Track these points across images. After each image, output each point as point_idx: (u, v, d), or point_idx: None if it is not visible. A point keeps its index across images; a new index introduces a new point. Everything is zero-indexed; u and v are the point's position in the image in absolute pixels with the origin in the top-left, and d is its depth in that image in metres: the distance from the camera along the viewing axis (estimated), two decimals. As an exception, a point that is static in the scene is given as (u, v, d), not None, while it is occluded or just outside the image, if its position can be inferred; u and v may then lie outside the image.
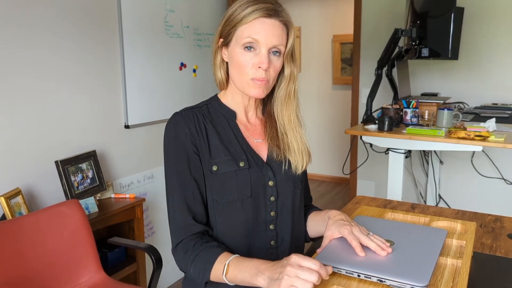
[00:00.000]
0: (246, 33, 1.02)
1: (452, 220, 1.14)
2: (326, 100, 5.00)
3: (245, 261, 0.92)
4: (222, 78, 1.12)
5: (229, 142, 1.09)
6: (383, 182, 3.52)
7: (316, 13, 4.87)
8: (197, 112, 1.10)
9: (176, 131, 1.06)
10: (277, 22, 1.03)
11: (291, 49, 1.08)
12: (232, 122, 1.12)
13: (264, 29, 1.01)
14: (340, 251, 0.94)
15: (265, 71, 1.03)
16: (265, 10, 1.01)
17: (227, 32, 1.05)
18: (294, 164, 1.12)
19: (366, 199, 1.60)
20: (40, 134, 2.05)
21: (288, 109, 1.12)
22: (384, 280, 0.83)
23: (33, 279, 1.68)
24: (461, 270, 0.89)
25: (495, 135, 2.08)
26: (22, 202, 1.88)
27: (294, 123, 1.13)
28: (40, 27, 2.01)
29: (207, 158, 1.05)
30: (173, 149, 1.06)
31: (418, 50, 2.48)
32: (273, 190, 1.09)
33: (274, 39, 1.02)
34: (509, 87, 3.11)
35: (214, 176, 1.05)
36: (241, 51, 1.03)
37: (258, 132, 1.14)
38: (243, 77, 1.04)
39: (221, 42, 1.09)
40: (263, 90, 1.05)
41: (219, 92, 1.18)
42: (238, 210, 1.05)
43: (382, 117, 2.36)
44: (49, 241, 1.76)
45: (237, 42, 1.04)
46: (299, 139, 1.13)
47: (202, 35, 3.01)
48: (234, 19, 1.03)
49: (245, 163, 1.06)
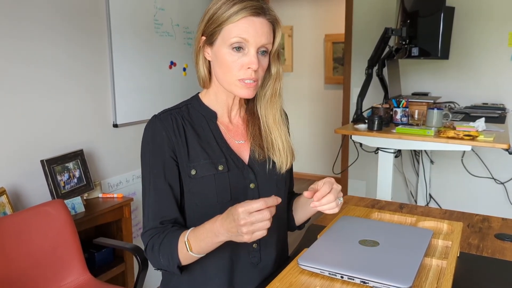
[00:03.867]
0: (234, 33, 0.98)
1: (439, 220, 1.13)
2: (318, 100, 4.99)
3: (199, 230, 0.94)
4: (205, 76, 1.09)
5: (208, 144, 1.06)
6: (374, 181, 3.51)
7: (308, 13, 4.87)
8: (176, 114, 1.07)
9: (153, 135, 1.04)
10: (265, 21, 1.00)
11: (278, 48, 1.06)
12: (212, 123, 1.09)
13: (253, 28, 0.98)
14: (323, 252, 0.93)
15: (255, 72, 1.00)
16: (253, 8, 0.98)
17: (212, 31, 1.01)
18: (279, 163, 1.09)
19: (354, 199, 1.58)
20: (26, 133, 2.02)
21: (273, 108, 1.10)
22: (367, 281, 0.82)
23: (17, 279, 1.65)
24: (446, 271, 0.88)
25: (484, 135, 2.08)
26: (6, 202, 1.85)
27: (279, 121, 1.11)
28: (26, 22, 1.98)
29: (186, 162, 1.03)
30: (149, 153, 1.04)
31: (408, 50, 2.48)
32: (254, 193, 1.07)
33: (263, 38, 0.99)
34: (499, 87, 3.12)
35: (193, 180, 1.03)
36: (228, 51, 1.00)
37: (240, 133, 1.12)
38: (231, 78, 1.02)
39: (203, 40, 1.05)
40: (252, 91, 1.03)
41: (202, 91, 1.14)
42: (218, 214, 0.99)
43: (372, 116, 2.36)
44: (34, 242, 1.73)
45: (224, 41, 1.00)
46: (284, 137, 1.11)
47: (192, 34, 2.99)
48: (219, 17, 0.99)
49: (224, 167, 1.04)
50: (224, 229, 0.88)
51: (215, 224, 0.90)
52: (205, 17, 1.03)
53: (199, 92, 1.15)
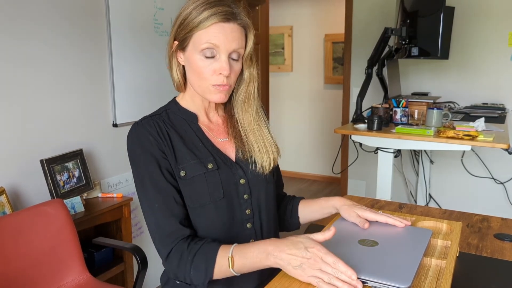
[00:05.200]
0: (204, 39, 0.98)
1: (438, 220, 1.13)
2: (318, 100, 4.99)
3: (248, 247, 0.92)
4: (179, 81, 1.09)
5: (194, 145, 1.06)
6: (374, 181, 3.51)
7: (308, 12, 4.87)
8: (157, 119, 1.07)
9: (140, 141, 1.03)
10: (235, 26, 1.00)
11: (251, 51, 1.07)
12: (194, 125, 1.10)
13: (223, 34, 0.98)
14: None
15: (226, 77, 1.01)
16: (223, 14, 0.98)
17: (183, 36, 1.01)
18: (259, 163, 1.10)
19: (353, 199, 1.58)
20: (25, 132, 2.01)
21: (247, 111, 1.11)
22: (366, 281, 0.82)
23: (16, 279, 1.65)
24: (445, 271, 0.88)
25: (483, 135, 2.08)
26: (6, 201, 1.84)
27: (255, 123, 1.12)
28: (26, 22, 1.98)
29: (174, 164, 1.03)
30: (141, 159, 1.02)
31: (408, 50, 2.48)
32: (245, 188, 1.08)
33: (233, 43, 1.00)
34: (499, 87, 3.12)
35: (183, 181, 1.02)
36: (199, 57, 1.00)
37: (222, 131, 1.13)
38: (203, 83, 1.02)
39: (176, 45, 1.05)
40: (224, 95, 1.04)
41: (177, 95, 1.15)
42: (212, 212, 1.03)
43: (372, 116, 2.36)
44: (33, 241, 1.73)
45: (195, 47, 1.00)
46: (262, 139, 1.12)
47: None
48: (190, 23, 0.99)
49: (213, 165, 1.04)
50: (284, 254, 0.86)
51: (269, 246, 0.89)
52: (177, 22, 1.03)
53: (175, 96, 1.15)
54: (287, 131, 5.23)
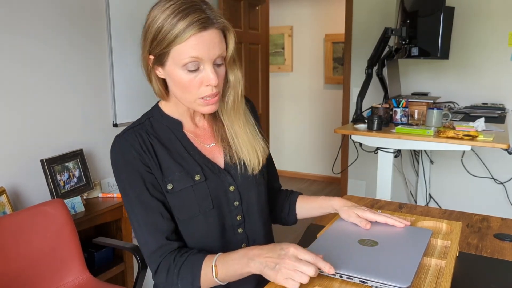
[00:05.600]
0: (185, 53, 0.91)
1: (438, 220, 1.13)
2: (318, 100, 4.99)
3: (231, 255, 0.91)
4: (161, 92, 1.03)
5: (180, 156, 1.02)
6: (374, 181, 3.51)
7: (308, 13, 4.87)
8: (140, 130, 1.02)
9: (123, 156, 0.99)
10: (214, 31, 0.93)
11: (233, 53, 1.00)
12: (179, 132, 1.05)
13: (203, 45, 0.91)
14: (322, 252, 0.92)
15: (215, 86, 0.96)
16: (199, 23, 0.90)
17: (159, 52, 0.94)
18: (250, 165, 1.06)
19: (353, 199, 1.58)
20: (26, 132, 2.02)
21: (236, 115, 1.06)
22: (366, 281, 0.82)
23: (16, 279, 1.65)
24: (445, 270, 0.88)
25: (483, 135, 2.08)
26: (6, 201, 1.85)
27: (244, 125, 1.08)
28: (26, 22, 1.98)
29: (160, 177, 0.99)
30: (124, 175, 0.98)
31: (408, 50, 2.48)
32: (235, 195, 1.05)
33: (215, 50, 0.93)
34: (499, 87, 3.12)
35: (170, 195, 0.99)
36: (183, 72, 0.94)
37: (209, 136, 1.08)
38: (190, 97, 0.97)
39: (152, 60, 0.97)
40: (215, 105, 0.99)
41: (161, 100, 1.08)
42: (202, 223, 1.01)
43: (372, 116, 2.36)
44: (33, 241, 1.73)
45: (175, 63, 0.93)
46: (249, 140, 1.07)
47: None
48: (165, 38, 0.91)
49: (201, 176, 1.00)
50: (262, 258, 0.85)
51: (251, 251, 0.88)
52: (148, 36, 0.95)
53: (159, 100, 1.09)
54: (287, 131, 5.23)
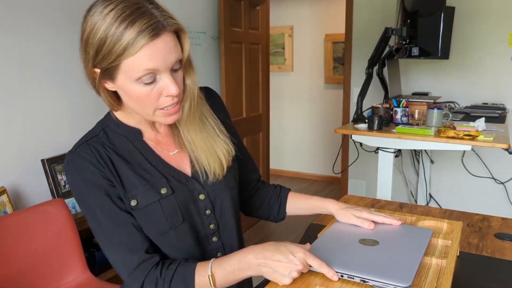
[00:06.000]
0: (138, 67, 0.80)
1: (439, 220, 1.13)
2: (318, 99, 5.00)
3: (227, 261, 0.88)
4: (112, 104, 0.92)
5: (142, 168, 0.92)
6: (374, 181, 3.51)
7: (308, 12, 4.87)
8: (95, 143, 0.92)
9: (81, 174, 0.89)
10: (167, 36, 0.82)
11: (189, 54, 0.90)
12: (139, 142, 0.95)
13: (158, 54, 0.81)
14: (323, 251, 0.93)
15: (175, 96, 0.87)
16: (150, 29, 0.79)
17: (107, 66, 0.82)
18: (211, 172, 0.97)
19: (354, 198, 1.58)
20: (26, 132, 2.02)
21: (192, 121, 0.97)
22: (367, 280, 0.82)
23: (16, 279, 1.66)
24: (446, 270, 0.88)
25: (484, 135, 2.08)
26: (7, 201, 1.85)
27: (200, 130, 0.98)
28: (26, 22, 1.98)
29: (123, 193, 0.89)
30: (87, 194, 0.89)
31: (409, 49, 2.48)
32: (206, 203, 0.98)
33: (172, 56, 0.83)
34: (499, 87, 3.12)
35: (136, 212, 0.90)
36: (137, 86, 0.83)
37: (172, 142, 0.99)
38: (149, 109, 0.87)
39: (98, 74, 0.85)
40: (177, 115, 0.90)
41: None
42: (173, 238, 0.94)
43: (372, 116, 2.36)
44: (34, 241, 1.74)
45: (128, 76, 0.82)
46: (207, 146, 0.98)
47: (192, 33, 2.99)
48: (112, 51, 0.79)
49: (167, 189, 0.92)
50: (270, 261, 0.83)
51: (250, 254, 0.85)
52: (89, 49, 0.83)
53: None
54: (287, 131, 5.23)
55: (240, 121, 3.36)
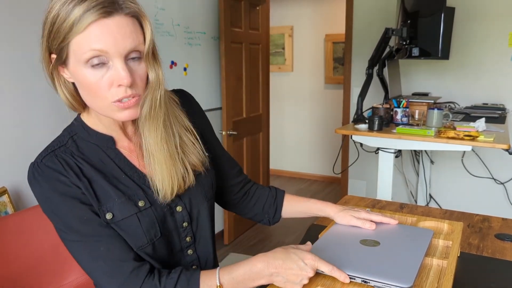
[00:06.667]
0: (85, 46, 0.75)
1: (439, 220, 1.14)
2: (318, 100, 5.00)
3: (236, 270, 0.84)
4: (70, 102, 0.86)
5: (117, 179, 0.86)
6: (375, 181, 3.52)
7: (309, 12, 4.87)
8: (62, 154, 0.85)
9: (52, 185, 0.81)
10: (123, 18, 0.77)
11: (151, 45, 0.82)
12: (112, 151, 0.89)
13: (108, 34, 0.75)
14: (324, 252, 0.93)
15: (130, 87, 0.79)
16: (100, 6, 0.74)
17: (58, 48, 0.78)
18: (161, 191, 0.88)
19: (354, 199, 1.59)
20: (27, 132, 2.02)
21: (154, 123, 0.87)
22: (368, 281, 0.82)
23: (17, 279, 1.66)
24: (447, 270, 0.89)
25: (484, 135, 2.08)
26: (8, 201, 1.85)
27: (162, 140, 0.88)
28: (27, 23, 1.98)
29: (96, 206, 0.83)
30: (61, 206, 0.81)
31: (409, 50, 2.49)
32: (183, 215, 0.93)
33: (126, 42, 0.77)
34: (499, 88, 3.13)
35: (112, 225, 0.84)
36: (87, 70, 0.77)
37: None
38: (102, 101, 0.80)
39: (54, 59, 0.81)
40: (134, 110, 0.82)
41: (83, 113, 0.91)
42: (150, 252, 0.88)
43: (372, 116, 2.36)
44: (35, 241, 1.74)
45: (77, 58, 0.77)
46: (165, 160, 0.88)
47: (193, 33, 2.99)
48: (61, 28, 0.75)
49: (145, 201, 0.87)
50: (282, 270, 0.82)
51: (260, 264, 0.83)
52: (45, 29, 0.80)
53: (80, 114, 0.92)
54: (287, 131, 5.24)
55: (240, 121, 3.36)
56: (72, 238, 0.82)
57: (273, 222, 1.19)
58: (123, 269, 0.82)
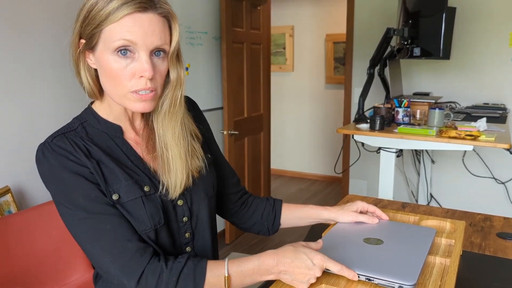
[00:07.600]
0: (117, 35, 0.80)
1: (442, 219, 1.14)
2: (319, 100, 5.01)
3: (245, 264, 0.85)
4: (91, 87, 0.90)
5: (124, 165, 0.89)
6: (375, 181, 3.53)
7: (309, 12, 4.88)
8: (72, 136, 0.88)
9: (61, 163, 0.84)
10: (155, 17, 0.82)
11: (177, 47, 0.88)
12: (119, 139, 0.92)
13: (139, 27, 0.80)
14: (328, 250, 0.94)
15: (150, 80, 0.83)
16: (137, 1, 0.80)
17: (90, 33, 0.83)
18: (172, 187, 0.91)
19: (356, 198, 1.59)
20: (31, 131, 2.02)
21: (172, 120, 0.92)
22: (372, 278, 0.83)
23: (21, 278, 1.66)
24: (449, 269, 0.89)
25: (485, 135, 2.09)
26: (11, 200, 1.86)
27: (179, 135, 0.93)
28: (28, 23, 1.99)
29: (104, 186, 0.85)
30: (69, 183, 0.83)
31: (410, 50, 2.49)
32: (184, 210, 0.95)
33: (155, 38, 0.82)
34: (500, 87, 3.13)
35: (117, 207, 0.86)
36: (113, 58, 0.82)
37: (151, 146, 0.95)
38: (121, 90, 0.84)
39: (82, 44, 0.86)
40: (150, 103, 0.86)
41: (96, 102, 0.95)
42: (152, 240, 0.89)
43: (374, 116, 2.37)
44: (38, 240, 1.74)
45: (106, 46, 0.82)
46: (180, 154, 0.92)
47: (194, 33, 3.00)
48: (97, 16, 0.81)
49: (151, 187, 0.89)
50: (291, 269, 0.83)
51: (270, 261, 0.84)
52: (80, 16, 0.84)
53: (92, 102, 0.96)
54: (288, 130, 5.24)
55: (242, 121, 3.37)
56: (78, 215, 0.83)
57: (272, 231, 1.19)
58: (128, 248, 0.83)
